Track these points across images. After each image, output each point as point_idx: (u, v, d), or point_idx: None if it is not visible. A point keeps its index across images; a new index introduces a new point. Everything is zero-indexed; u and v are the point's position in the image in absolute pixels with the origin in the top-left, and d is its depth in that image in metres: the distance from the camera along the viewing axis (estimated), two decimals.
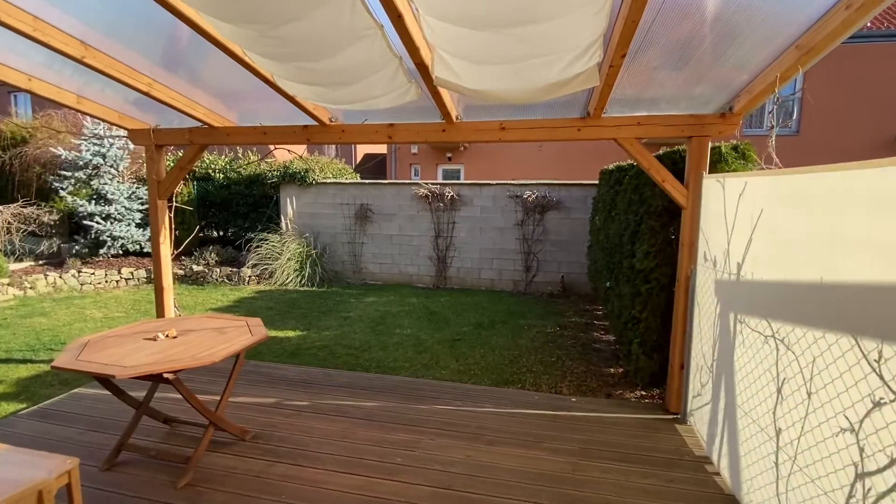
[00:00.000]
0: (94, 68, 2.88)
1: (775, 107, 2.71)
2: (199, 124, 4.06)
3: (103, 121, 4.02)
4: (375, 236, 8.90)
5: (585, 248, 7.78)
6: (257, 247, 8.59)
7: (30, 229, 8.49)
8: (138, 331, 2.92)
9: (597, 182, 7.36)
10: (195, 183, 9.74)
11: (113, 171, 8.89)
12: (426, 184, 8.49)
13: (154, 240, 4.41)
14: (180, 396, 2.56)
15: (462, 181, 8.95)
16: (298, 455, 2.81)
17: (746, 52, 2.59)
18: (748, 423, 2.32)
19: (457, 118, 3.58)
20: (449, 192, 8.33)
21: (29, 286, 7.43)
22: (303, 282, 8.37)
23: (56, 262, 8.65)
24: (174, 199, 9.66)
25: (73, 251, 8.75)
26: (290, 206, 9.13)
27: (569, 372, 4.49)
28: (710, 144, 3.29)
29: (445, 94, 3.14)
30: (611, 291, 5.15)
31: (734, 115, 3.18)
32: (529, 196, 8.00)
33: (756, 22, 2.34)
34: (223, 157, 10.38)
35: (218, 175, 9.89)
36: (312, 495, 2.44)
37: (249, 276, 8.47)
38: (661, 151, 3.83)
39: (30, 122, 11.68)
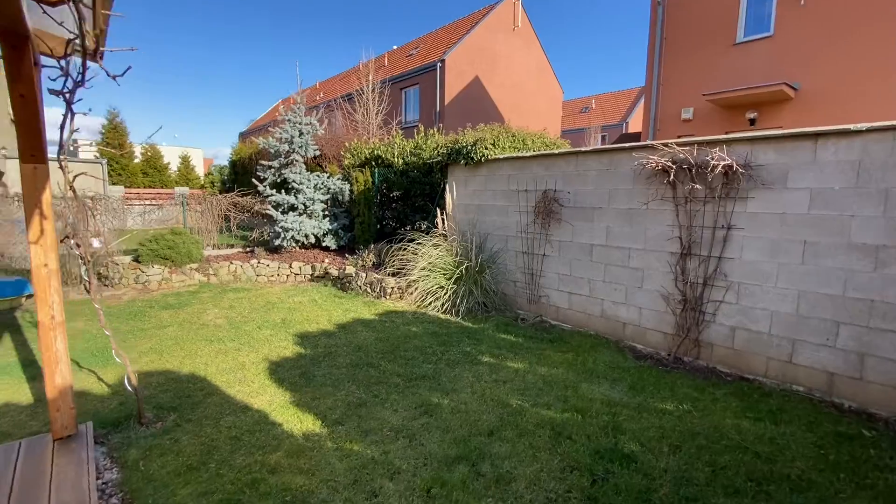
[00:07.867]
0: None
1: None
2: None
3: None
4: (564, 245, 5.17)
5: None
6: (400, 249, 6.34)
7: (243, 217, 9.04)
8: None
9: None
10: (377, 170, 8.41)
11: (299, 157, 8.45)
12: (666, 146, 4.16)
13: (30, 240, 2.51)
14: None
15: (758, 133, 3.98)
16: None
17: None
18: None
19: None
20: (720, 160, 3.76)
21: (213, 273, 7.55)
22: (446, 307, 5.59)
23: (260, 248, 8.92)
24: (352, 187, 8.62)
25: (270, 241, 8.83)
26: (451, 195, 6.47)
27: None
28: None
29: None
30: None
31: None
32: None
33: None
34: (412, 141, 8.70)
35: (398, 160, 8.26)
36: None
37: (392, 288, 6.33)
38: None
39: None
